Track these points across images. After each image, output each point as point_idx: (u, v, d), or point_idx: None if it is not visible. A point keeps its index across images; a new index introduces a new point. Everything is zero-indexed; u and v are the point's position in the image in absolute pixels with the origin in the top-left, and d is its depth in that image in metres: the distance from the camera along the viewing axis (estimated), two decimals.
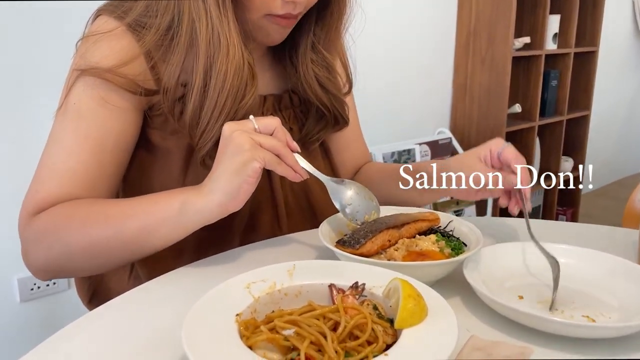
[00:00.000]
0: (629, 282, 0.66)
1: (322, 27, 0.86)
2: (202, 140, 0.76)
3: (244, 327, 0.51)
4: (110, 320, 0.63)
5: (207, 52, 0.73)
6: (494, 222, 0.95)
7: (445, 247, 0.72)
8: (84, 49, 0.76)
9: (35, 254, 0.75)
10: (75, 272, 0.82)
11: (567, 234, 0.90)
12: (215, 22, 0.71)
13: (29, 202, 0.76)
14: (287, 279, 0.60)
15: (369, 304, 0.55)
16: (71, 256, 0.73)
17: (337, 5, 0.83)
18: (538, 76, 2.67)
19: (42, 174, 0.76)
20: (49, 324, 1.68)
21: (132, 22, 0.76)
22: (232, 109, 0.74)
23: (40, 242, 0.74)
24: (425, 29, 2.54)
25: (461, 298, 0.67)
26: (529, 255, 0.73)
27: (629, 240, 0.84)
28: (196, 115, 0.75)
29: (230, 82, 0.73)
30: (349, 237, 0.69)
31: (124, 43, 0.76)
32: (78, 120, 0.75)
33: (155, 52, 0.76)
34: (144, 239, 0.71)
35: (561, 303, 0.64)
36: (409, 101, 2.57)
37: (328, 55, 0.88)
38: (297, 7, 0.75)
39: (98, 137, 0.76)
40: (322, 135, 0.93)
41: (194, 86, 0.74)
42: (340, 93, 0.92)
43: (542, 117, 2.79)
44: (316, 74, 0.87)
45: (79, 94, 0.75)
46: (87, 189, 0.75)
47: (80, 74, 0.75)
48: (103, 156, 0.76)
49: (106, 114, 0.76)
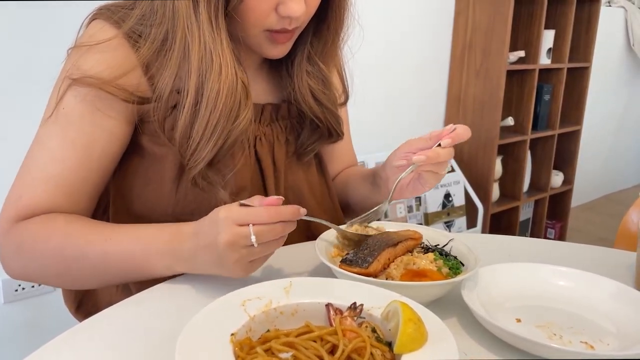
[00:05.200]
0: (627, 308, 0.66)
1: (319, 40, 0.85)
2: (193, 160, 0.74)
3: (239, 348, 0.50)
4: (99, 334, 0.61)
5: (199, 70, 0.71)
6: (490, 240, 0.95)
7: (443, 266, 0.71)
8: (77, 56, 0.74)
9: (13, 264, 0.74)
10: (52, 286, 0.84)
11: (561, 254, 0.90)
12: (207, 40, 0.70)
13: (10, 207, 0.74)
14: (283, 296, 0.59)
15: (367, 327, 0.54)
16: (46, 279, 0.74)
17: (334, 20, 0.83)
18: (531, 90, 2.68)
19: (26, 179, 0.74)
20: (34, 325, 1.66)
21: (129, 31, 0.74)
22: (225, 130, 0.73)
23: (17, 255, 0.73)
24: (421, 40, 2.55)
25: (458, 319, 0.66)
26: (527, 277, 0.72)
27: (624, 262, 0.84)
28: (187, 133, 0.73)
29: (222, 102, 0.71)
30: (354, 256, 0.68)
31: (120, 55, 0.74)
32: (66, 126, 0.74)
33: (152, 63, 0.75)
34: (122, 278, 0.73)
35: (559, 327, 0.64)
36: (402, 111, 2.57)
37: (324, 67, 0.87)
38: (292, 22, 0.74)
39: (85, 144, 0.74)
40: (316, 147, 0.92)
41: (185, 103, 0.72)
42: (335, 107, 0.91)
43: (534, 131, 2.80)
44: (311, 86, 0.86)
45: (69, 102, 0.73)
46: (71, 197, 0.74)
47: (72, 83, 0.73)
48: (89, 164, 0.75)
49: (96, 122, 0.74)
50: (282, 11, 0.72)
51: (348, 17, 0.84)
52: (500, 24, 2.46)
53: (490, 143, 2.59)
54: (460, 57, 2.65)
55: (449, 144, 0.74)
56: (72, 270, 0.71)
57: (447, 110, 2.74)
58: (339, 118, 0.92)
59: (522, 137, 2.71)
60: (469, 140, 0.80)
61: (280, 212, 0.62)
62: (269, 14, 0.72)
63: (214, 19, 0.70)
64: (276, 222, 0.62)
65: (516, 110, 2.75)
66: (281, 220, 0.62)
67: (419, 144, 0.78)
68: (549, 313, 0.67)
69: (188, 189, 0.78)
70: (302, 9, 0.72)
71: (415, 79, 2.57)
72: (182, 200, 0.79)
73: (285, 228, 0.63)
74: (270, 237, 0.62)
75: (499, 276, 0.71)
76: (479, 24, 2.55)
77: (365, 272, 0.66)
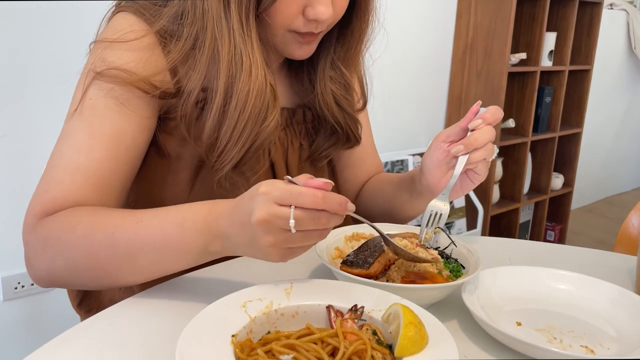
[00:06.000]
0: (628, 312, 0.66)
1: (342, 45, 0.84)
2: (220, 161, 0.73)
3: (240, 349, 0.50)
4: (101, 333, 0.61)
5: (228, 71, 0.70)
6: (490, 242, 0.95)
7: (444, 269, 0.71)
8: (102, 49, 0.72)
9: (38, 263, 0.70)
10: (79, 286, 0.76)
11: (562, 257, 0.90)
12: (238, 41, 0.69)
13: (36, 203, 0.71)
14: (284, 298, 0.59)
15: (368, 329, 0.54)
16: (75, 274, 0.68)
17: (359, 24, 0.82)
18: (533, 92, 2.68)
19: (52, 173, 0.71)
20: (33, 323, 1.66)
21: (161, 30, 0.73)
22: (253, 132, 0.72)
23: (43, 251, 0.69)
24: (422, 40, 2.55)
25: (458, 322, 0.66)
26: (528, 280, 0.72)
27: (624, 265, 0.84)
28: (214, 134, 0.72)
29: (252, 103, 0.70)
30: (354, 257, 0.68)
31: (151, 55, 0.73)
32: (93, 118, 0.72)
33: (180, 62, 0.74)
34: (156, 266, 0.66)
35: (560, 331, 0.64)
36: (403, 111, 2.57)
37: (347, 72, 0.86)
38: (319, 26, 0.73)
39: (114, 135, 0.72)
40: (330, 152, 0.91)
41: (213, 104, 0.71)
42: (355, 111, 0.90)
43: (535, 133, 2.80)
44: (333, 91, 0.85)
45: (95, 94, 0.72)
46: (99, 190, 0.71)
47: (97, 76, 0.71)
48: (118, 155, 0.72)
49: (123, 115, 0.72)
50: (310, 14, 0.71)
51: (372, 22, 0.83)
52: (502, 25, 2.46)
53: None
54: (461, 57, 2.65)
55: (478, 125, 0.73)
56: (101, 260, 0.65)
57: (448, 110, 2.74)
58: (358, 122, 0.91)
59: (522, 139, 2.71)
60: None
61: (328, 200, 0.54)
62: (297, 16, 0.72)
63: (244, 19, 0.69)
64: (321, 209, 0.54)
65: (517, 112, 2.75)
66: (326, 210, 0.55)
67: (447, 133, 0.77)
68: (549, 317, 0.67)
69: (203, 193, 0.78)
70: (330, 12, 0.71)
71: (416, 79, 2.57)
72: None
73: (330, 220, 0.56)
74: (311, 226, 0.55)
75: (499, 279, 0.72)
76: (480, 25, 2.55)
77: (366, 273, 0.66)
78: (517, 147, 2.74)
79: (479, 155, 0.74)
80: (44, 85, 1.51)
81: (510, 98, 2.72)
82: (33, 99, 1.50)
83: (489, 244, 0.93)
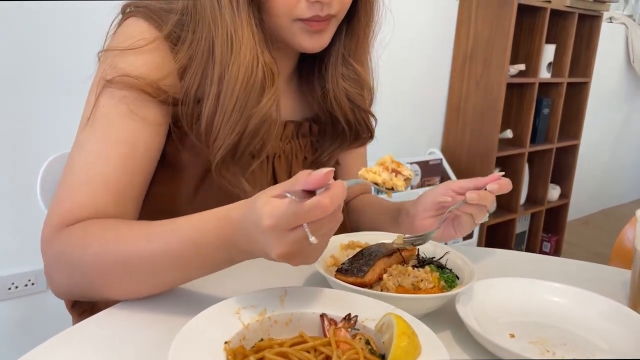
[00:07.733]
0: (620, 326, 0.66)
1: (351, 38, 0.83)
2: (215, 147, 0.73)
3: (232, 356, 0.50)
4: (93, 337, 0.61)
5: (221, 57, 0.71)
6: (485, 253, 0.95)
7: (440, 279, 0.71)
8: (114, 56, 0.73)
9: (58, 277, 0.70)
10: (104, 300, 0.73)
11: (557, 270, 0.90)
12: (229, 26, 0.70)
13: (53, 213, 0.70)
14: (278, 305, 0.59)
15: (361, 338, 0.54)
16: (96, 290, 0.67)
17: (364, 10, 0.81)
18: (531, 103, 2.69)
19: (68, 183, 0.71)
20: (27, 324, 1.65)
21: (170, 34, 0.74)
22: (245, 113, 0.71)
23: (59, 265, 0.68)
24: (422, 48, 2.55)
25: (451, 332, 0.66)
26: (522, 292, 0.72)
27: (618, 279, 0.84)
28: (210, 123, 0.73)
29: (240, 80, 0.70)
30: (349, 265, 0.68)
31: (161, 59, 0.73)
32: (106, 126, 0.72)
33: (187, 66, 0.74)
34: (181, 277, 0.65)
35: (552, 344, 0.64)
36: (401, 120, 2.57)
37: (358, 67, 0.85)
38: (324, 8, 0.71)
39: (128, 141, 0.72)
40: (335, 155, 0.91)
41: (210, 94, 0.72)
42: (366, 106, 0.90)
43: (533, 144, 2.81)
44: (346, 89, 0.85)
45: (107, 102, 0.72)
46: (116, 198, 0.71)
47: (108, 83, 0.72)
48: (133, 162, 0.72)
49: (136, 121, 0.73)
50: None
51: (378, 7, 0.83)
52: (502, 36, 2.47)
53: (489, 155, 2.60)
54: (461, 67, 2.66)
55: (495, 190, 0.74)
56: (119, 278, 0.65)
57: (447, 119, 2.74)
58: (371, 115, 0.91)
59: (520, 149, 2.72)
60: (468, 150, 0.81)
61: (334, 198, 0.51)
62: (297, 1, 0.71)
63: (235, 2, 0.70)
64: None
65: (515, 123, 2.76)
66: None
67: (461, 184, 0.78)
68: (542, 329, 0.67)
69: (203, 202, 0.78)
70: None
71: (415, 87, 2.58)
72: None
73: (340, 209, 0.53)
74: (328, 227, 0.53)
75: (493, 291, 0.72)
76: (480, 35, 2.56)
77: (360, 281, 0.66)
78: (515, 157, 2.75)
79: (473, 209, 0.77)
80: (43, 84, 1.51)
81: (509, 109, 2.73)
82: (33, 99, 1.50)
83: (485, 255, 0.93)
